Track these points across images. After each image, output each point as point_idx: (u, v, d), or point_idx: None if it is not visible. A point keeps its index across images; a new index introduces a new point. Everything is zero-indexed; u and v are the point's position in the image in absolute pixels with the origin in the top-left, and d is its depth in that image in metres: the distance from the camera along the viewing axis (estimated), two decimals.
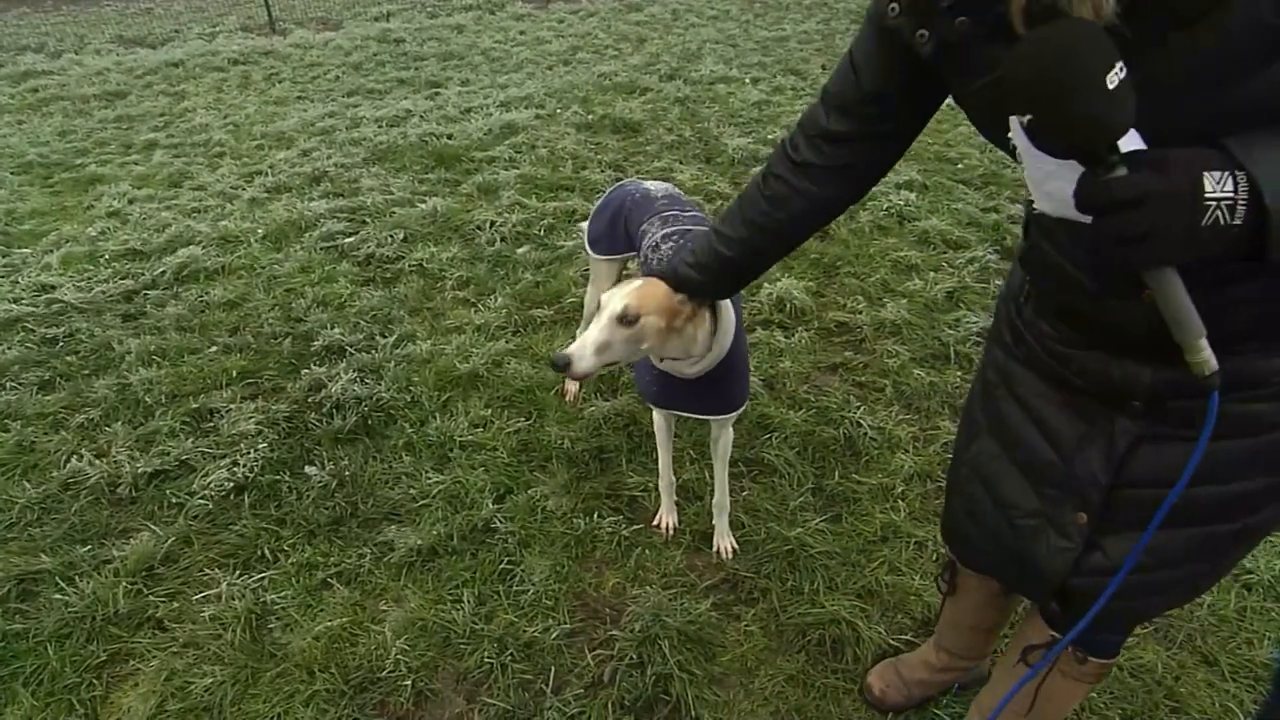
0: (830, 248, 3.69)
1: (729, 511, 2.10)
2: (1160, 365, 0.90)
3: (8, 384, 2.82)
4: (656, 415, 2.02)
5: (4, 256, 3.87)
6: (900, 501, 2.22)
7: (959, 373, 2.79)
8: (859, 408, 2.57)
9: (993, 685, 1.49)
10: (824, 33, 8.84)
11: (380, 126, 5.65)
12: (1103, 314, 0.92)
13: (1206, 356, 0.75)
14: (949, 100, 1.01)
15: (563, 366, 1.39)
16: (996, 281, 3.38)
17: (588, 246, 2.27)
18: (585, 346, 1.40)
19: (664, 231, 1.93)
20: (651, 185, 2.20)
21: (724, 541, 2.09)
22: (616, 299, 1.44)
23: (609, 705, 1.70)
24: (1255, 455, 0.93)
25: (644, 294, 1.44)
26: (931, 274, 3.42)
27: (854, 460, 2.38)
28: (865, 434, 2.45)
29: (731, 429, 2.00)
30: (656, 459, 2.11)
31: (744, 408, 1.91)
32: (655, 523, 2.17)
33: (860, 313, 3.14)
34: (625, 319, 1.42)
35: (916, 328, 3.03)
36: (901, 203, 4.08)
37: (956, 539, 1.34)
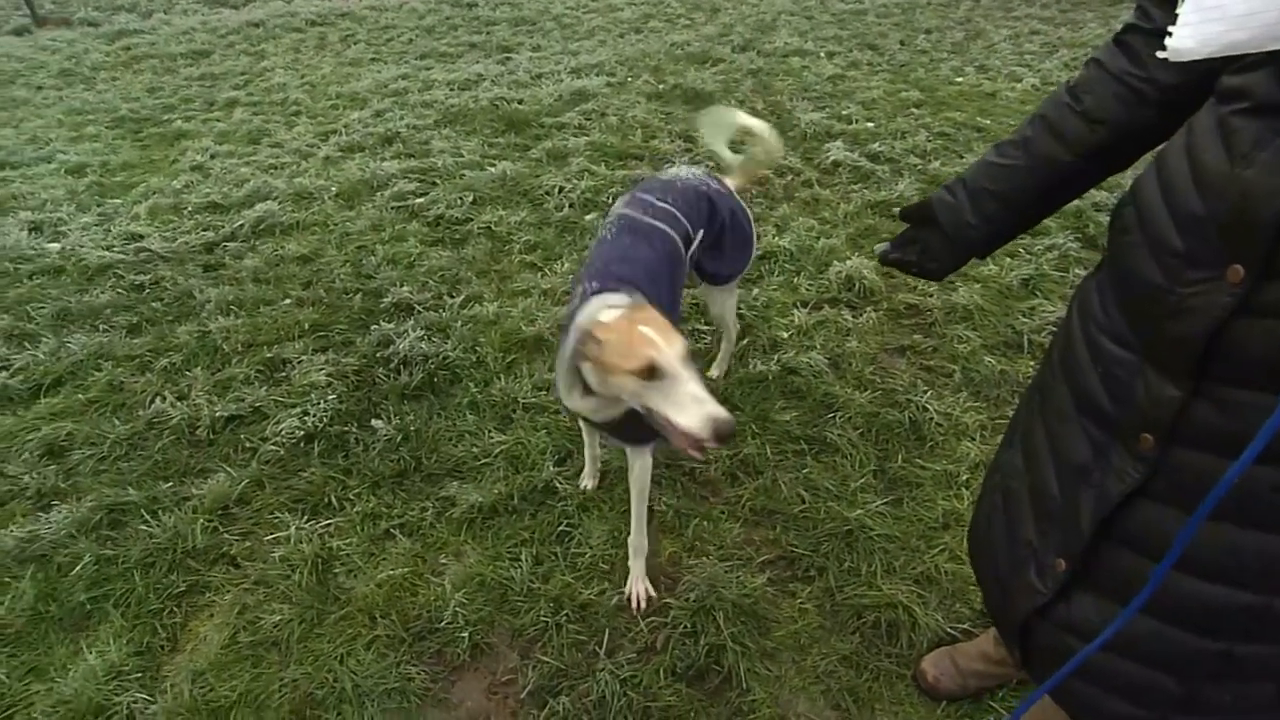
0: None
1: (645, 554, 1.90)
2: (1195, 393, 0.78)
3: (101, 326, 2.97)
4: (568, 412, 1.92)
5: (99, 206, 4.05)
6: (964, 489, 2.16)
7: (1032, 362, 2.69)
8: (926, 392, 2.50)
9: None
10: (904, 6, 8.54)
11: (452, 90, 5.69)
12: (1168, 299, 0.79)
13: None
14: (1030, 80, 0.91)
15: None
16: (1076, 270, 3.24)
17: None
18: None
19: (622, 210, 1.82)
20: (674, 169, 2.07)
21: (638, 587, 1.88)
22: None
23: (660, 671, 1.71)
24: (1273, 564, 0.78)
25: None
26: (1007, 260, 3.30)
27: (918, 445, 2.33)
28: (931, 419, 2.39)
29: (649, 458, 1.79)
30: None
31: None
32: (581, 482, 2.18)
33: (931, 295, 3.05)
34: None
35: (989, 314, 2.93)
36: None
37: (972, 544, 1.28)
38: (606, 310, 1.42)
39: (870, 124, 4.89)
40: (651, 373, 1.25)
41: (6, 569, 1.99)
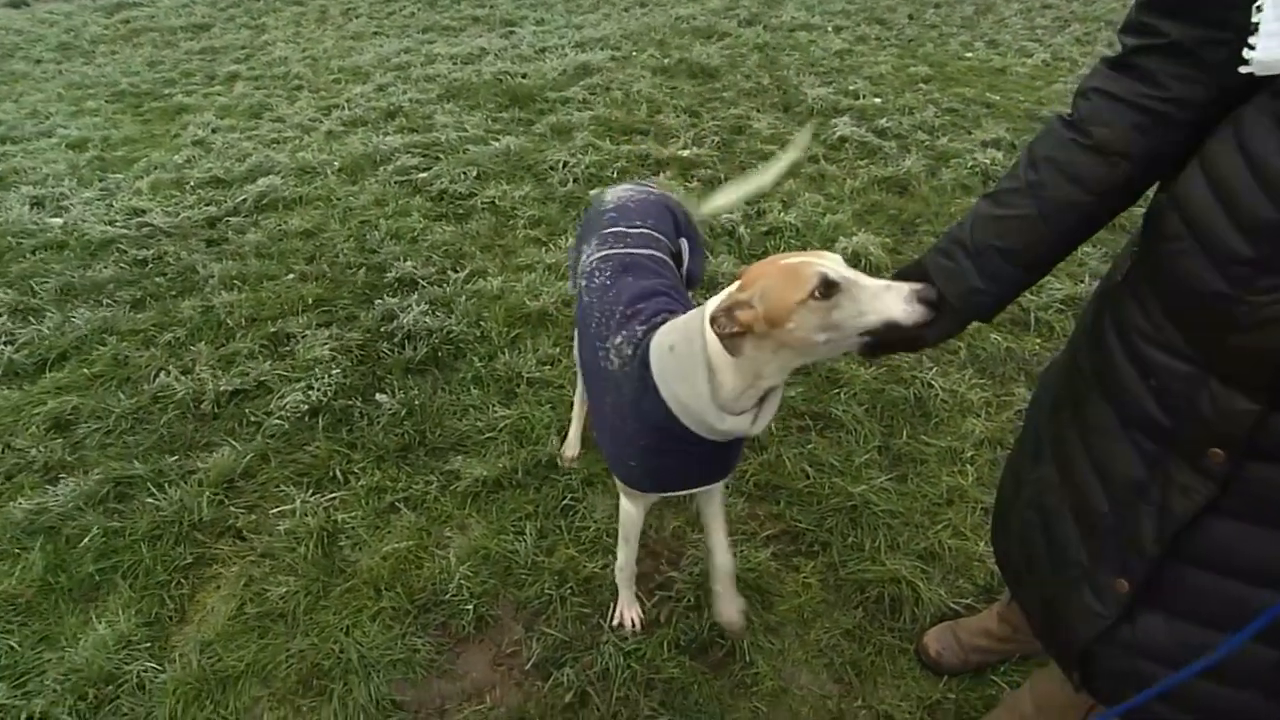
0: (910, 204, 3.56)
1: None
2: (1276, 404, 0.72)
3: (104, 301, 2.97)
4: (636, 509, 1.57)
5: (100, 181, 4.04)
6: (969, 466, 2.16)
7: (1038, 340, 2.68)
8: (931, 368, 2.50)
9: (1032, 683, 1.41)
10: None
11: (455, 64, 5.63)
12: (1238, 309, 0.72)
13: None
14: (1040, 55, 0.85)
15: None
16: (1085, 249, 3.21)
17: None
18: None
19: (600, 254, 1.58)
20: (610, 193, 1.79)
21: (731, 608, 1.67)
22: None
23: (664, 644, 1.72)
24: None
25: None
26: None
27: (923, 421, 2.32)
28: (936, 395, 2.39)
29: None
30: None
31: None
32: (616, 621, 1.79)
33: None
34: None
35: None
36: (987, 161, 3.89)
37: (1006, 565, 1.22)
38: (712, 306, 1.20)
39: (878, 99, 4.84)
40: (828, 289, 1.06)
41: (16, 540, 2.01)
